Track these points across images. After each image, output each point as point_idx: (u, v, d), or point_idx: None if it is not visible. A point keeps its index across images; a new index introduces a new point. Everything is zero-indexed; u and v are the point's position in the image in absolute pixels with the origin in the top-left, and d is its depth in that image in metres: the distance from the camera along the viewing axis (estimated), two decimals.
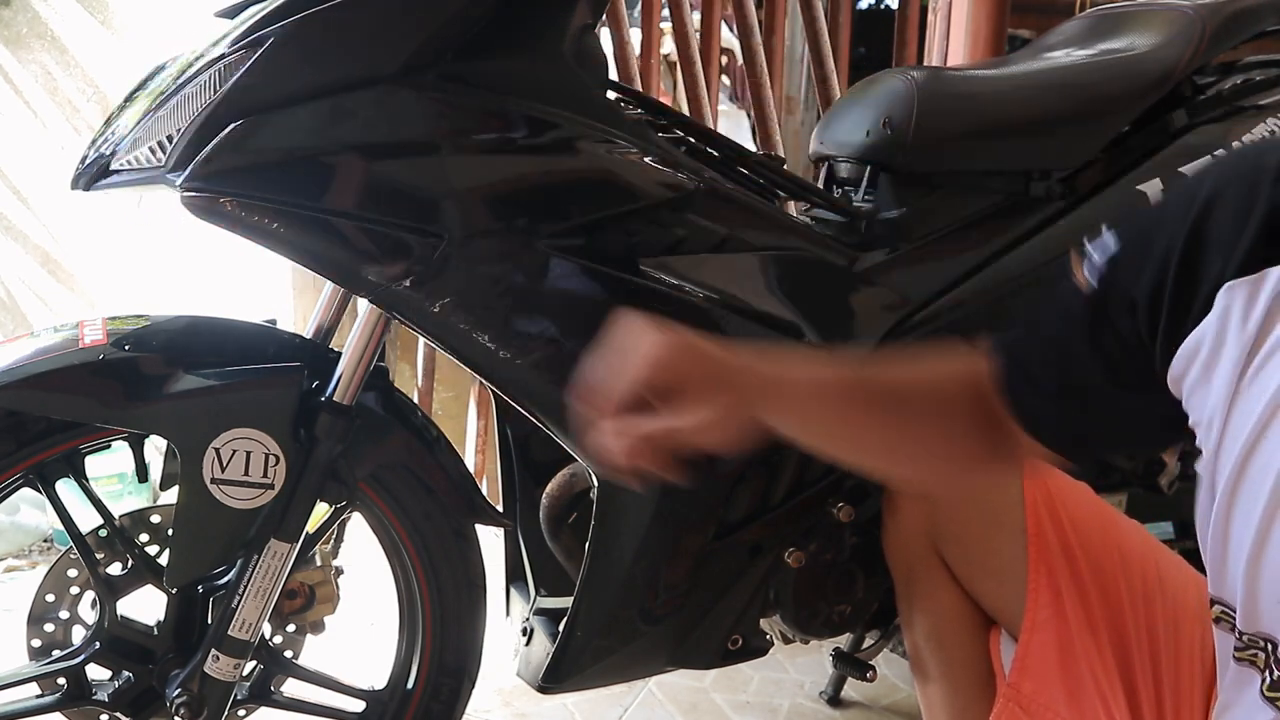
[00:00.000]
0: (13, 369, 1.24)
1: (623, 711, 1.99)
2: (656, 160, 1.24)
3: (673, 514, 1.30)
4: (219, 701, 1.35)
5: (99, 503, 1.37)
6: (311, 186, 1.14)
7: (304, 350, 1.38)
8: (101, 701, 1.40)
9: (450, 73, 1.16)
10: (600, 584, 1.32)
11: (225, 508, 1.28)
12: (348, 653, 1.88)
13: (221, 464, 1.26)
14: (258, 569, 1.31)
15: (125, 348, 1.27)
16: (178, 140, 1.14)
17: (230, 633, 1.32)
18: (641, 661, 1.43)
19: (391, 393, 1.43)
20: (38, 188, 3.02)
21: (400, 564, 1.49)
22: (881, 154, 1.43)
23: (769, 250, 1.31)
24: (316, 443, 1.29)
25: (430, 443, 1.44)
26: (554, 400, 1.24)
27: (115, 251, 3.02)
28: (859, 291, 1.36)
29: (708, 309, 1.27)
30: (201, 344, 1.32)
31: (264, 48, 1.12)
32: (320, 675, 1.52)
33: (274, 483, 1.29)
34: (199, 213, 1.14)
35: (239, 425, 1.26)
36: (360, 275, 1.18)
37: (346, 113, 1.14)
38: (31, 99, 3.00)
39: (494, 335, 1.20)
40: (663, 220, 1.26)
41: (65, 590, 1.39)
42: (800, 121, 3.40)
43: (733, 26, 2.67)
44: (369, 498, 1.42)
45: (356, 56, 1.14)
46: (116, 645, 1.38)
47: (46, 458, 1.32)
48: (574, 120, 1.21)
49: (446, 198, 1.17)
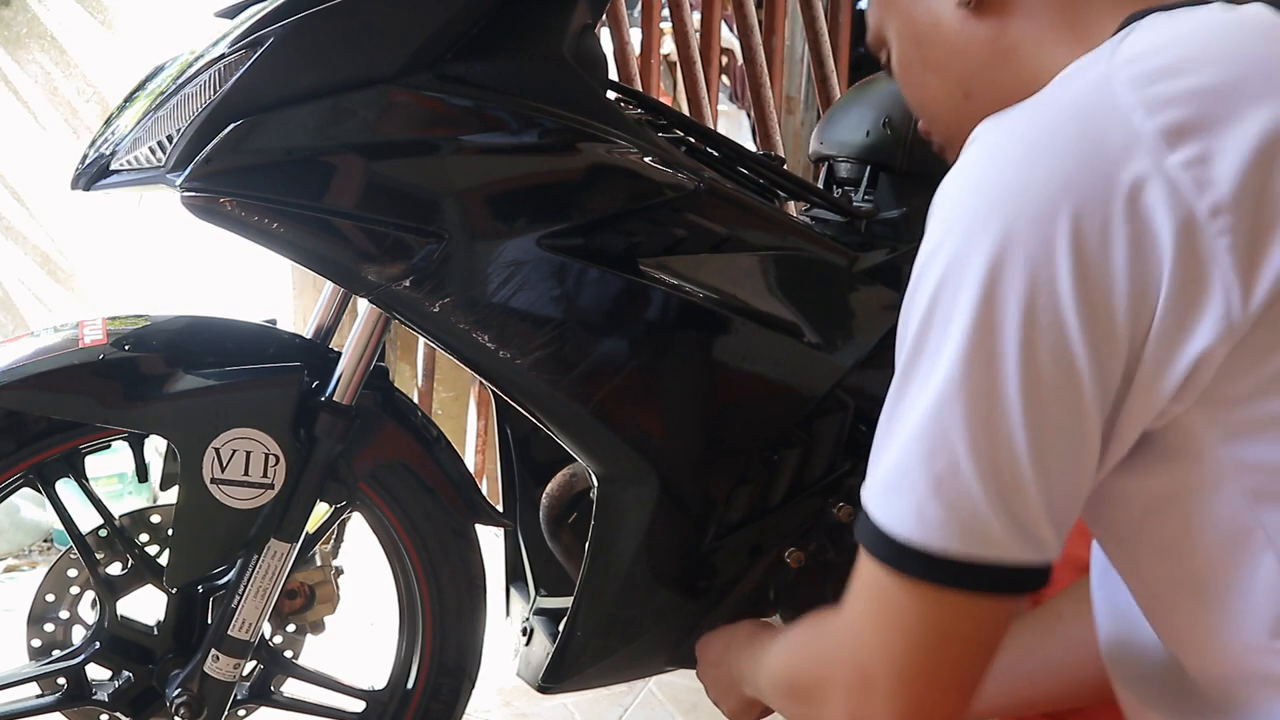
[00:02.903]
0: (12, 369, 1.24)
1: (623, 712, 1.99)
2: (656, 160, 1.24)
3: (672, 514, 1.30)
4: (219, 701, 1.35)
5: (99, 503, 1.37)
6: (311, 186, 1.15)
7: (304, 350, 1.38)
8: (101, 701, 1.39)
9: (449, 73, 1.16)
10: (600, 584, 1.32)
11: (225, 508, 1.28)
12: (348, 653, 1.88)
13: (221, 464, 1.26)
14: (258, 569, 1.31)
15: (125, 348, 1.27)
16: (177, 140, 1.14)
17: (230, 633, 1.32)
18: (641, 661, 1.43)
19: (391, 393, 1.43)
20: (37, 188, 3.02)
21: (400, 564, 1.49)
22: (882, 154, 1.43)
23: (769, 250, 1.31)
24: (316, 443, 1.29)
25: (430, 443, 1.44)
26: (554, 400, 1.24)
27: (114, 252, 3.02)
28: (859, 291, 1.36)
29: (707, 309, 1.27)
30: (201, 344, 1.32)
31: (263, 48, 1.12)
32: (320, 675, 1.52)
33: (274, 483, 1.28)
34: (199, 213, 1.15)
35: (239, 425, 1.26)
36: (359, 275, 1.18)
37: (346, 113, 1.14)
38: (30, 100, 3.00)
39: (493, 335, 1.20)
40: (662, 220, 1.26)
41: (65, 590, 1.39)
42: (800, 121, 3.40)
43: (733, 26, 2.67)
44: (369, 498, 1.43)
45: (356, 56, 1.14)
46: (116, 645, 1.38)
47: (46, 458, 1.32)
48: (573, 120, 1.20)
49: (446, 198, 1.18)
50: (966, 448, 0.70)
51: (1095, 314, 0.67)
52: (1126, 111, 0.67)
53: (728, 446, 1.31)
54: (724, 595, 1.36)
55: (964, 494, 0.70)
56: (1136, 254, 0.66)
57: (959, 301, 0.69)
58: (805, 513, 1.36)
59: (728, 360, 1.29)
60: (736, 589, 1.36)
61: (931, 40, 0.86)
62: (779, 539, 1.36)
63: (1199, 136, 0.66)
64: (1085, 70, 0.71)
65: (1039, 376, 0.68)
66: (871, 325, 1.35)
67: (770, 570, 1.37)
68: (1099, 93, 0.69)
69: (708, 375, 1.30)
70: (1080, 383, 0.68)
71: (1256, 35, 0.71)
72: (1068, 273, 0.66)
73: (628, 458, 1.27)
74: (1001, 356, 0.68)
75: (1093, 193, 0.66)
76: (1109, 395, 0.69)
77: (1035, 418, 0.69)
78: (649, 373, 1.26)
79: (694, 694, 1.99)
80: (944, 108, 0.88)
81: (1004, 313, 0.68)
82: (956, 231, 0.70)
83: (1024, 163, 0.69)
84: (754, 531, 1.34)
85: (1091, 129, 0.68)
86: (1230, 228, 0.65)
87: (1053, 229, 0.67)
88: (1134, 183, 0.66)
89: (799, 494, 1.35)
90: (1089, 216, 0.66)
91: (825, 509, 1.36)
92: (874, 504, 0.75)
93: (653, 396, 1.27)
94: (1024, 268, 0.67)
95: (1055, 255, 0.67)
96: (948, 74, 0.86)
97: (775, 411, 1.33)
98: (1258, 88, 0.67)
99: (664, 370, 1.27)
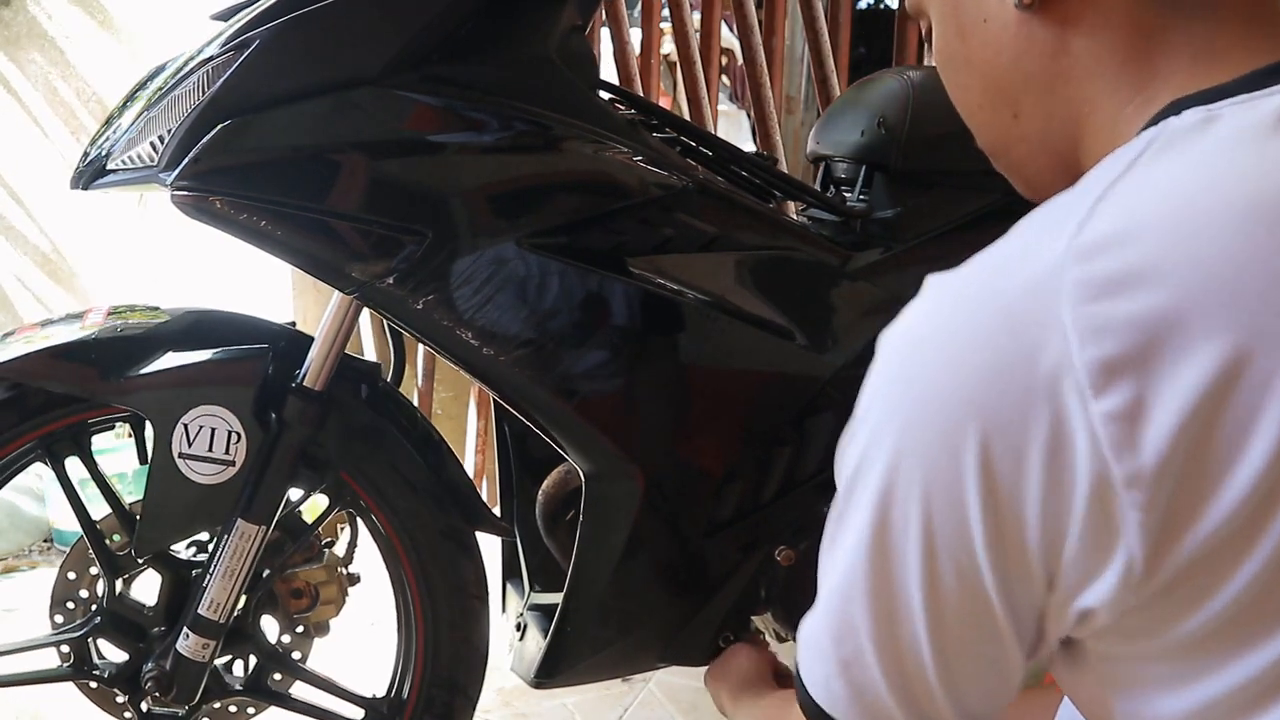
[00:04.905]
0: (18, 347, 1.34)
1: (623, 711, 2.00)
2: (645, 159, 1.25)
3: (660, 509, 1.31)
4: (190, 681, 1.38)
5: (102, 480, 1.42)
6: (298, 185, 1.17)
7: (287, 338, 1.41)
8: (100, 675, 1.44)
9: (435, 74, 1.18)
10: (590, 579, 1.33)
11: (190, 482, 1.33)
12: (358, 656, 1.87)
13: (189, 439, 1.32)
14: (226, 549, 1.34)
15: (118, 331, 1.35)
16: (169, 140, 1.17)
17: (200, 612, 1.36)
18: (634, 656, 1.43)
19: (389, 392, 1.45)
20: (36, 189, 3.04)
21: (393, 566, 1.49)
22: (876, 154, 1.42)
23: (760, 249, 1.31)
24: (285, 426, 1.32)
25: (422, 442, 1.45)
26: (538, 397, 1.25)
27: (114, 253, 3.03)
28: (852, 291, 1.36)
29: (694, 307, 1.27)
30: (189, 330, 1.39)
31: (251, 49, 1.14)
32: (323, 679, 1.53)
33: (235, 460, 1.33)
34: (189, 211, 1.17)
35: (205, 402, 1.32)
36: (344, 272, 1.20)
37: (333, 113, 1.16)
38: (29, 101, 3.01)
39: (477, 333, 1.21)
40: (650, 219, 1.26)
41: (85, 570, 1.45)
42: (800, 121, 3.40)
43: (733, 26, 2.67)
44: (356, 494, 1.44)
45: (342, 57, 1.16)
46: (114, 621, 1.43)
47: (54, 429, 1.39)
48: (560, 120, 1.21)
49: (430, 196, 1.19)
50: (870, 640, 0.68)
51: (1005, 540, 0.63)
52: (1064, 331, 0.59)
53: (715, 444, 1.32)
54: (715, 592, 1.37)
55: (868, 682, 0.69)
56: (1051, 492, 0.61)
57: (866, 491, 0.66)
58: (796, 511, 1.36)
59: (715, 359, 1.30)
60: (727, 586, 1.37)
61: (979, 37, 0.74)
62: (770, 537, 1.36)
63: (1133, 379, 0.58)
64: (1043, 243, 0.62)
65: (941, 587, 0.65)
66: (864, 324, 1.35)
67: (761, 568, 1.38)
68: (1044, 297, 0.60)
69: (693, 374, 1.30)
70: (987, 597, 0.65)
71: (1251, 219, 0.60)
72: (975, 495, 0.62)
73: (612, 455, 1.27)
74: (901, 562, 0.66)
75: (1009, 423, 0.60)
76: (1023, 608, 0.65)
77: (938, 623, 0.66)
78: (632, 371, 1.27)
79: (694, 694, 1.99)
80: (990, 121, 0.78)
81: (902, 520, 0.65)
82: (875, 410, 0.67)
83: (944, 364, 0.63)
84: (745, 529, 1.35)
85: (1024, 345, 0.60)
86: (1145, 504, 0.59)
87: (959, 447, 0.62)
88: (1055, 424, 0.59)
89: (790, 492, 1.35)
90: (1001, 444, 0.61)
91: (816, 507, 1.36)
92: (800, 651, 0.74)
93: (636, 395, 1.28)
94: (921, 482, 0.63)
95: (961, 475, 0.62)
96: (993, 84, 0.75)
97: (764, 410, 1.33)
98: (1217, 314, 0.58)
99: (647, 369, 1.28)
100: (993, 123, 0.78)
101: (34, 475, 2.61)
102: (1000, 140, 0.78)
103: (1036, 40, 0.71)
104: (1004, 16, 0.72)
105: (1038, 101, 0.73)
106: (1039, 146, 0.75)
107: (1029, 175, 0.79)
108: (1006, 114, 0.75)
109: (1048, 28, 0.70)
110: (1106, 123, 0.70)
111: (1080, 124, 0.71)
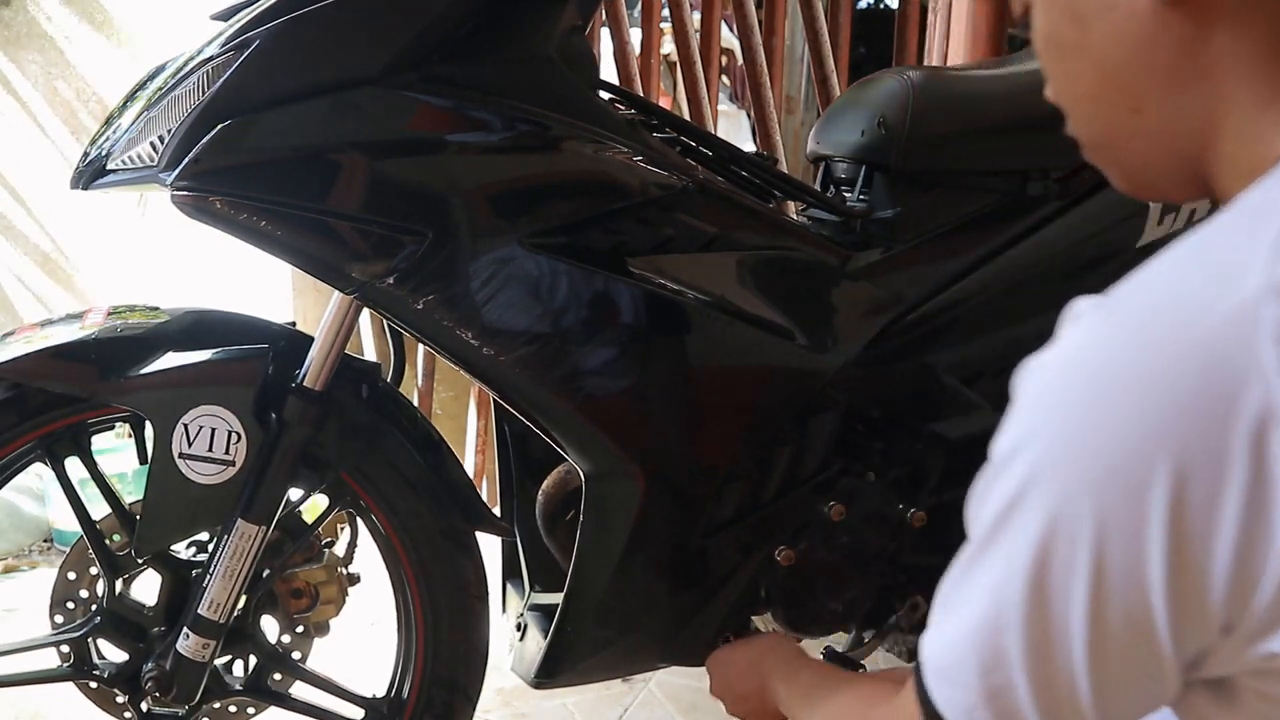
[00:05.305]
0: (18, 347, 1.34)
1: (623, 711, 1.99)
2: (644, 159, 1.25)
3: (660, 509, 1.31)
4: (190, 681, 1.38)
5: (102, 480, 1.42)
6: (298, 185, 1.17)
7: (287, 338, 1.41)
8: (100, 676, 1.44)
9: (436, 74, 1.18)
10: (590, 579, 1.33)
11: (190, 482, 1.33)
12: (358, 655, 1.87)
13: (189, 439, 1.32)
14: (226, 549, 1.34)
15: (118, 331, 1.35)
16: (169, 140, 1.17)
17: (200, 612, 1.36)
18: (634, 656, 1.44)
19: (389, 392, 1.45)
20: (36, 189, 3.04)
21: (393, 565, 1.49)
22: (876, 154, 1.42)
23: (760, 249, 1.31)
24: (285, 426, 1.32)
25: (423, 442, 1.45)
26: (539, 397, 1.25)
27: (114, 253, 3.03)
28: (852, 291, 1.36)
29: (695, 307, 1.27)
30: (190, 330, 1.39)
31: (251, 49, 1.14)
32: (323, 679, 1.53)
33: (235, 460, 1.33)
34: (189, 211, 1.17)
35: (205, 403, 1.32)
36: (344, 272, 1.20)
37: (333, 113, 1.16)
38: (29, 101, 3.01)
39: (477, 333, 1.22)
40: (650, 219, 1.26)
41: (85, 570, 1.45)
42: (800, 121, 3.40)
43: (733, 26, 2.67)
44: (357, 494, 1.44)
45: (342, 57, 1.16)
46: (114, 621, 1.43)
47: (54, 429, 1.39)
48: (560, 120, 1.21)
49: (430, 196, 1.19)
50: (1024, 676, 0.65)
51: (1184, 583, 0.60)
52: (1264, 371, 0.55)
53: (715, 444, 1.32)
54: (715, 592, 1.37)
55: (1016, 714, 0.67)
56: (1246, 537, 0.57)
57: (1023, 530, 0.63)
58: (796, 511, 1.36)
59: (715, 359, 1.30)
60: (727, 586, 1.37)
61: (1102, 25, 0.68)
62: (770, 537, 1.36)
63: None
64: (1230, 276, 0.58)
65: (1107, 626, 0.62)
66: (864, 324, 1.35)
67: (761, 568, 1.38)
68: (1242, 334, 0.56)
69: (693, 373, 1.30)
70: (1155, 637, 0.62)
71: None
72: (1160, 536, 0.59)
73: (613, 455, 1.27)
74: (1064, 600, 0.63)
75: (1206, 464, 0.57)
76: (1190, 648, 0.62)
77: (1099, 659, 0.63)
78: (633, 371, 1.27)
79: (694, 694, 1.99)
80: (1101, 113, 0.72)
81: (1067, 561, 0.62)
82: (1035, 445, 0.63)
83: (1128, 400, 0.59)
84: (745, 529, 1.35)
85: (1223, 383, 0.56)
86: None
87: (1144, 487, 0.58)
88: (1256, 467, 0.56)
89: (790, 492, 1.35)
90: (1196, 486, 0.57)
91: (817, 508, 1.36)
92: (931, 678, 0.71)
93: (637, 395, 1.28)
94: (1094, 521, 0.60)
95: (1145, 516, 0.59)
96: (1112, 74, 0.69)
97: (764, 410, 1.33)
98: None
99: (648, 368, 1.28)
100: (1105, 115, 0.72)
101: (34, 475, 2.62)
102: (1110, 133, 0.73)
103: (1173, 33, 0.65)
104: (1134, 5, 0.66)
105: (1165, 97, 0.68)
106: (1160, 144, 0.70)
107: (1137, 170, 0.74)
108: (1123, 107, 0.70)
109: (1187, 21, 0.65)
110: (1244, 127, 0.66)
111: (1215, 125, 0.66)
